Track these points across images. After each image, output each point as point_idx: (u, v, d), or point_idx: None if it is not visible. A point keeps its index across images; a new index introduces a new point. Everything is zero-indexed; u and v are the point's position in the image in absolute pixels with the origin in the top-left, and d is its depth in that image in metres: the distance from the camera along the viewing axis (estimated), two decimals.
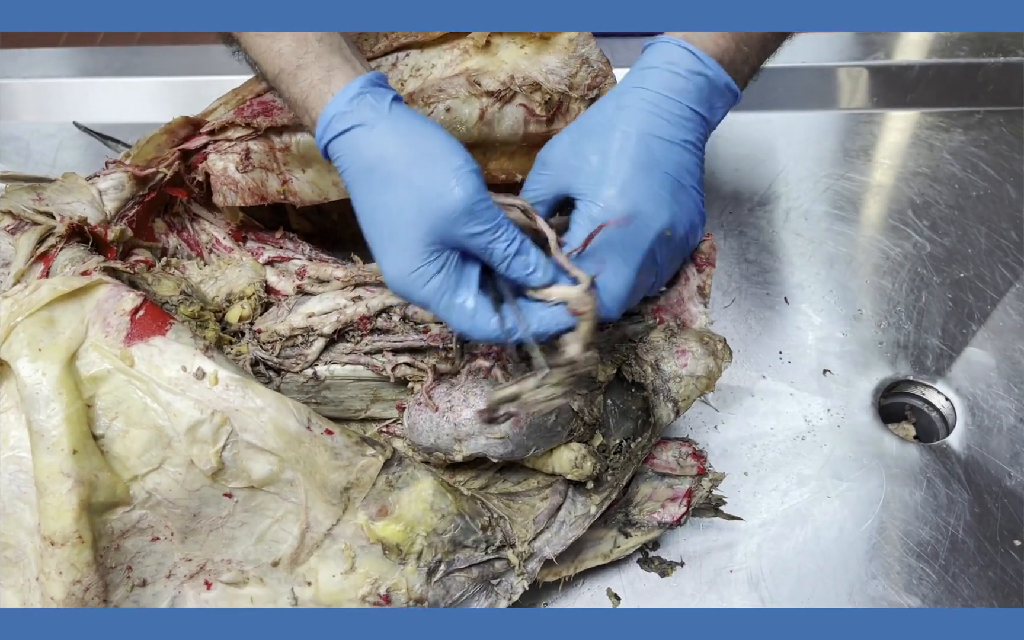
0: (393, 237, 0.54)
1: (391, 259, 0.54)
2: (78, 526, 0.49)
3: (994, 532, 0.68)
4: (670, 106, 0.59)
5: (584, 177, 0.58)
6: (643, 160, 0.58)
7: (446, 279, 0.54)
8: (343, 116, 0.55)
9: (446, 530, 0.56)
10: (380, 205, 0.54)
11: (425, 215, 0.53)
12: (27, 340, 0.50)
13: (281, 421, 0.52)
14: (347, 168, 0.56)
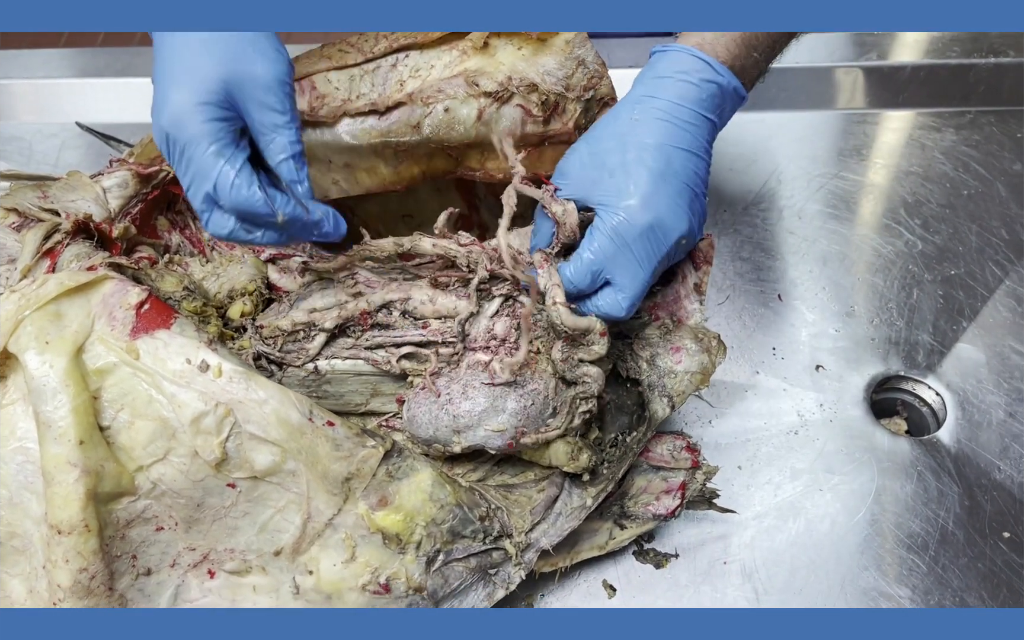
0: (190, 74, 0.53)
1: (176, 90, 0.53)
2: (84, 515, 0.50)
3: (983, 524, 0.69)
4: (684, 115, 0.61)
5: (604, 188, 0.60)
6: (662, 170, 0.60)
7: (216, 133, 0.53)
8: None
9: (445, 520, 0.57)
10: (189, 42, 0.54)
11: (234, 72, 0.53)
12: (35, 333, 0.51)
13: (283, 412, 0.53)
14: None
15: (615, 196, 0.60)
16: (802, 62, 1.00)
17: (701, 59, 0.61)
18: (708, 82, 0.61)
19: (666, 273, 0.68)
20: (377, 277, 0.65)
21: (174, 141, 0.53)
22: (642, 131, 0.61)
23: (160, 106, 0.54)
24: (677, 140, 0.60)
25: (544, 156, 0.70)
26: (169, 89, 0.53)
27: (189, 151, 0.53)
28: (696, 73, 0.61)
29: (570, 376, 0.61)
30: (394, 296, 0.64)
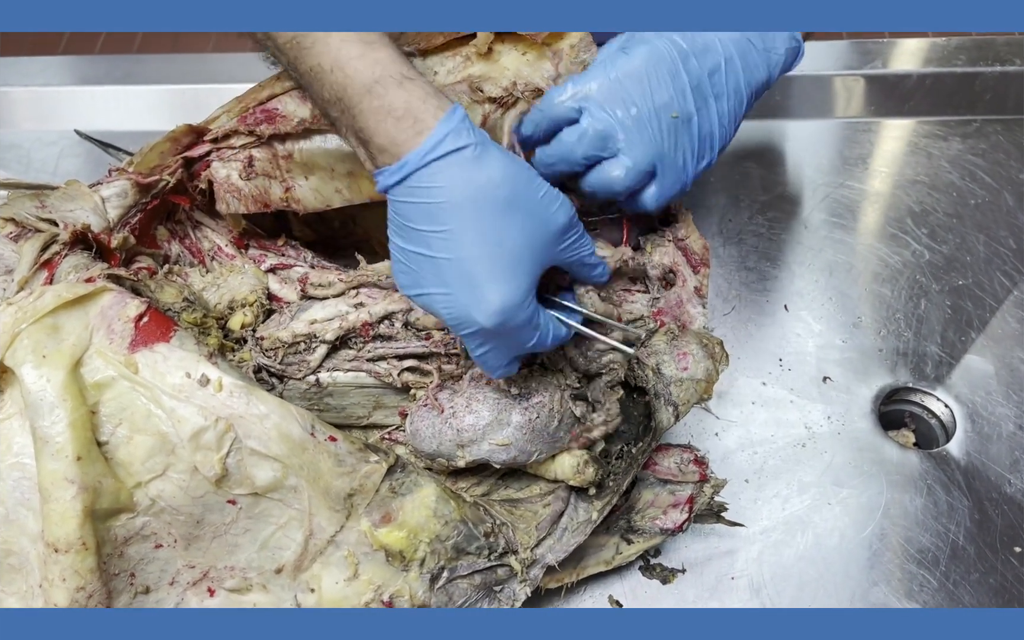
0: (516, 262, 0.52)
1: (506, 285, 0.52)
2: (82, 533, 0.49)
3: (994, 539, 0.68)
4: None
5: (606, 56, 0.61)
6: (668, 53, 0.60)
7: (531, 314, 0.54)
8: (452, 137, 0.52)
9: (449, 537, 0.56)
10: (494, 233, 0.51)
11: (542, 238, 0.53)
12: (31, 346, 0.51)
13: (285, 427, 0.52)
14: (452, 188, 0.52)
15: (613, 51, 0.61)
16: (806, 71, 0.99)
17: None
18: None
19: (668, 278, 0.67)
20: (379, 288, 0.64)
21: (495, 334, 0.53)
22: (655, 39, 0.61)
23: (474, 305, 0.52)
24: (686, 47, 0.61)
25: None
26: (484, 286, 0.52)
27: (511, 336, 0.53)
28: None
29: (595, 368, 0.61)
30: (396, 307, 0.64)
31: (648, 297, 0.66)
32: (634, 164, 0.59)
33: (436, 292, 0.53)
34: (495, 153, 0.53)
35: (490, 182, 0.52)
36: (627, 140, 0.59)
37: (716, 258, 0.85)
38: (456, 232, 0.51)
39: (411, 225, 0.53)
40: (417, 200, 0.52)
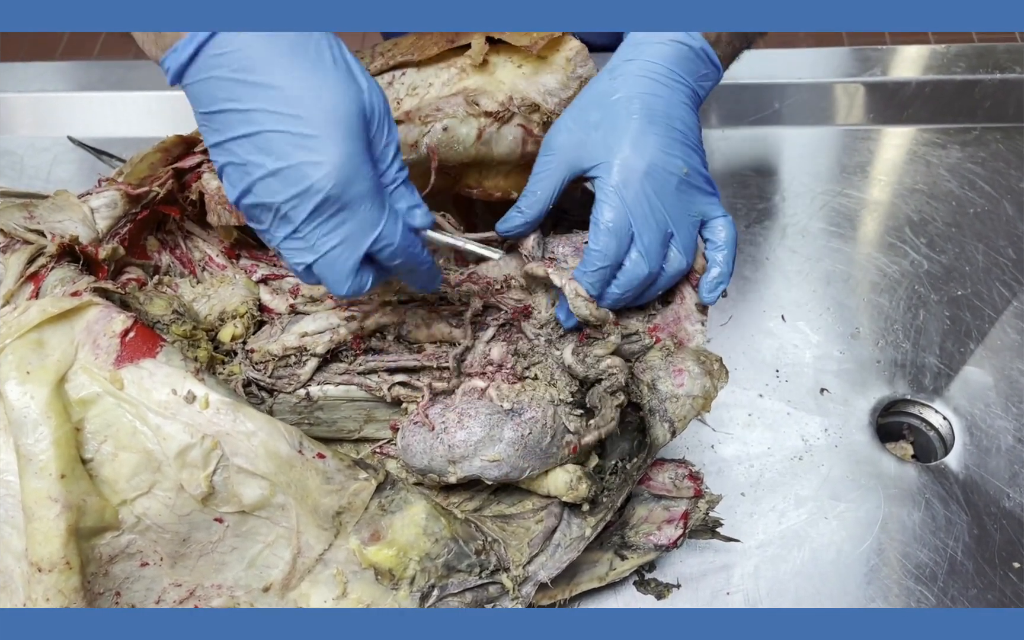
0: (338, 124, 0.47)
1: (331, 145, 0.47)
2: (66, 552, 0.49)
3: (993, 554, 0.67)
4: (660, 71, 0.61)
5: (593, 146, 0.61)
6: (648, 115, 0.60)
7: (374, 182, 0.50)
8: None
9: (439, 555, 0.55)
10: (323, 87, 0.48)
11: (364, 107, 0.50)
12: (15, 363, 0.50)
13: (272, 445, 0.52)
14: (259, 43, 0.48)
15: (605, 151, 0.60)
16: (805, 78, 0.99)
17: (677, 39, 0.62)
18: (679, 43, 0.62)
19: (665, 294, 0.66)
20: (370, 302, 0.64)
21: (336, 201, 0.48)
22: (620, 86, 0.61)
23: (310, 165, 0.47)
24: (656, 91, 0.61)
25: None
26: (321, 145, 0.47)
27: (355, 206, 0.49)
28: (667, 35, 0.62)
29: (594, 373, 0.60)
30: (387, 320, 0.63)
31: (644, 313, 0.65)
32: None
33: (263, 172, 0.47)
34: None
35: (299, 37, 0.48)
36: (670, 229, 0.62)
37: None
38: (275, 93, 0.47)
39: (221, 106, 0.48)
40: (222, 69, 0.47)
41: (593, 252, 0.60)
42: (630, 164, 0.59)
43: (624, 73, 0.62)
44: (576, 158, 0.61)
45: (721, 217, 0.63)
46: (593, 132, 0.61)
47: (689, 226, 0.62)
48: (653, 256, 0.61)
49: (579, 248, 0.65)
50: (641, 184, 0.59)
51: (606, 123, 0.60)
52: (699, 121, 0.64)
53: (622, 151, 0.59)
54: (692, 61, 0.63)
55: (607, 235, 0.59)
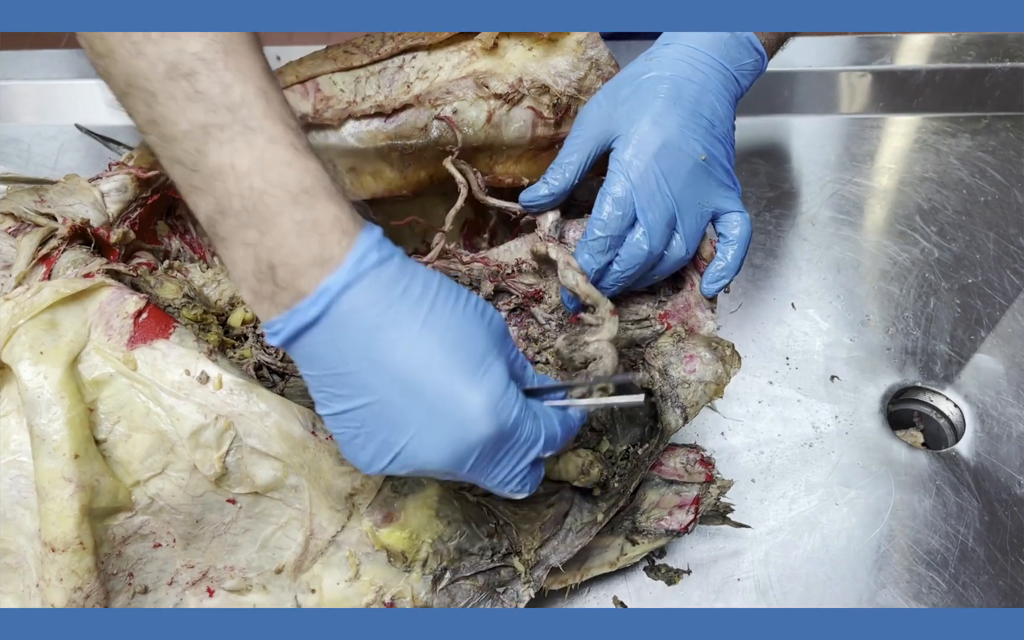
0: (473, 361, 0.43)
1: (473, 390, 0.43)
2: (79, 532, 0.49)
3: (1004, 541, 0.67)
4: (698, 58, 0.61)
5: (618, 119, 0.60)
6: (673, 96, 0.60)
7: (523, 402, 0.46)
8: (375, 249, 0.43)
9: (452, 537, 0.55)
10: (446, 329, 0.43)
11: (493, 333, 0.46)
12: (29, 343, 0.50)
13: (286, 426, 0.52)
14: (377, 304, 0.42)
15: (626, 123, 0.60)
16: (814, 66, 0.99)
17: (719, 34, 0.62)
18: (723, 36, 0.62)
19: (674, 278, 0.66)
20: None
21: (500, 437, 0.44)
22: (655, 67, 0.61)
23: (460, 418, 0.42)
24: (690, 75, 0.61)
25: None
26: (462, 389, 0.42)
27: (519, 430, 0.45)
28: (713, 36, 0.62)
29: (579, 358, 0.58)
30: None
31: (655, 298, 0.65)
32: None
33: (405, 439, 0.43)
34: (414, 261, 0.45)
35: (427, 287, 0.43)
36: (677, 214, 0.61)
37: None
38: (396, 354, 0.42)
39: (345, 371, 0.42)
40: (347, 332, 0.42)
41: (595, 221, 0.60)
42: (645, 139, 0.59)
43: (661, 56, 0.62)
44: (603, 132, 0.61)
45: (737, 213, 0.63)
46: (620, 106, 0.61)
47: (697, 214, 0.62)
48: (656, 236, 0.60)
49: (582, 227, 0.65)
50: (652, 160, 0.59)
51: (633, 98, 0.60)
52: (734, 113, 0.63)
53: (640, 126, 0.59)
54: (733, 48, 0.62)
55: (611, 205, 0.59)
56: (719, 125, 0.61)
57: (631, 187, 0.59)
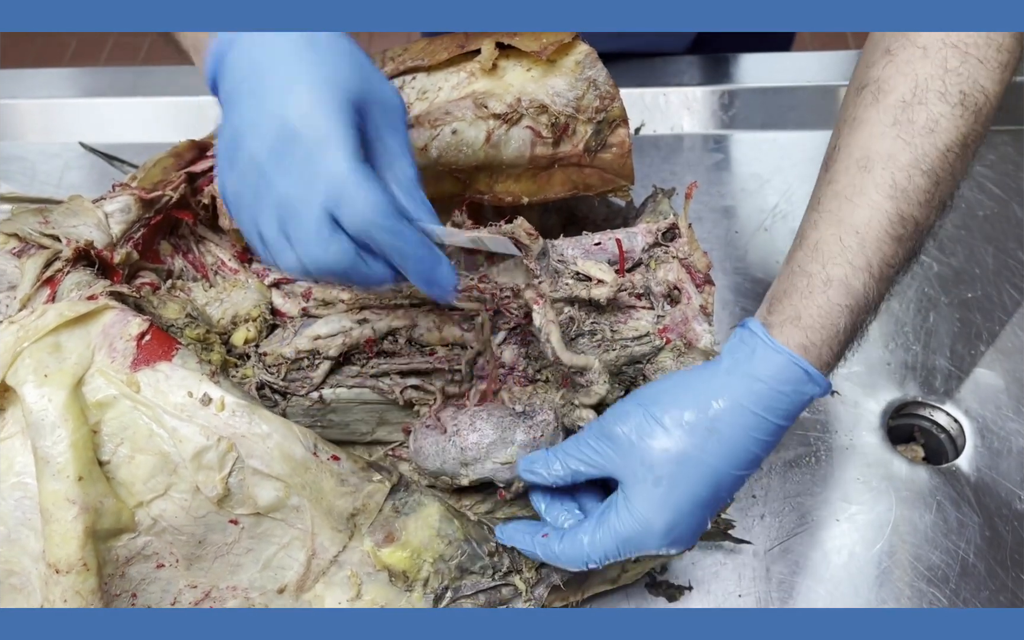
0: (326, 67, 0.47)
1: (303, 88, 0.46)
2: (83, 553, 0.49)
3: (1005, 556, 0.67)
4: (764, 430, 0.52)
5: (640, 491, 0.52)
6: (705, 500, 0.52)
7: (356, 140, 0.47)
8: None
9: (453, 556, 0.55)
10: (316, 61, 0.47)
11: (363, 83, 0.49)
12: (33, 366, 0.50)
13: (287, 447, 0.52)
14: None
15: (644, 507, 0.52)
16: (814, 81, 0.99)
17: (803, 369, 0.52)
18: (799, 394, 0.53)
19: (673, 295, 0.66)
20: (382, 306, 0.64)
21: (294, 138, 0.45)
22: (712, 448, 0.52)
23: (280, 96, 0.45)
24: (738, 461, 0.52)
25: (554, 179, 0.69)
26: (293, 84, 0.45)
27: (315, 153, 0.44)
28: (793, 384, 0.52)
29: (568, 422, 0.59)
30: (400, 323, 0.63)
31: (653, 314, 0.65)
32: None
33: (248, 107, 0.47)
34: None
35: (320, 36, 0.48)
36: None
37: (721, 271, 0.85)
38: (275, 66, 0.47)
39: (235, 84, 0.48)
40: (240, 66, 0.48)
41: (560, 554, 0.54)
42: (643, 540, 0.52)
43: (725, 429, 0.52)
44: (622, 463, 0.53)
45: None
46: (651, 466, 0.52)
47: None
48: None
49: (589, 250, 0.65)
50: (633, 551, 0.53)
51: (668, 482, 0.52)
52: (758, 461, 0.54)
53: (649, 528, 0.52)
54: (802, 407, 0.54)
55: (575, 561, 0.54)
56: (724, 499, 0.54)
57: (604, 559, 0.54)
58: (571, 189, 0.69)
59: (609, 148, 0.68)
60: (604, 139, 0.68)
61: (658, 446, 0.52)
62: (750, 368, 0.52)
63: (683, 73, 1.00)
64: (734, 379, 0.52)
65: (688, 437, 0.52)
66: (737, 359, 0.53)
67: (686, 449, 0.51)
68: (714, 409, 0.52)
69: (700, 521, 0.53)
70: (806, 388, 0.52)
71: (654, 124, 0.98)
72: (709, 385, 0.53)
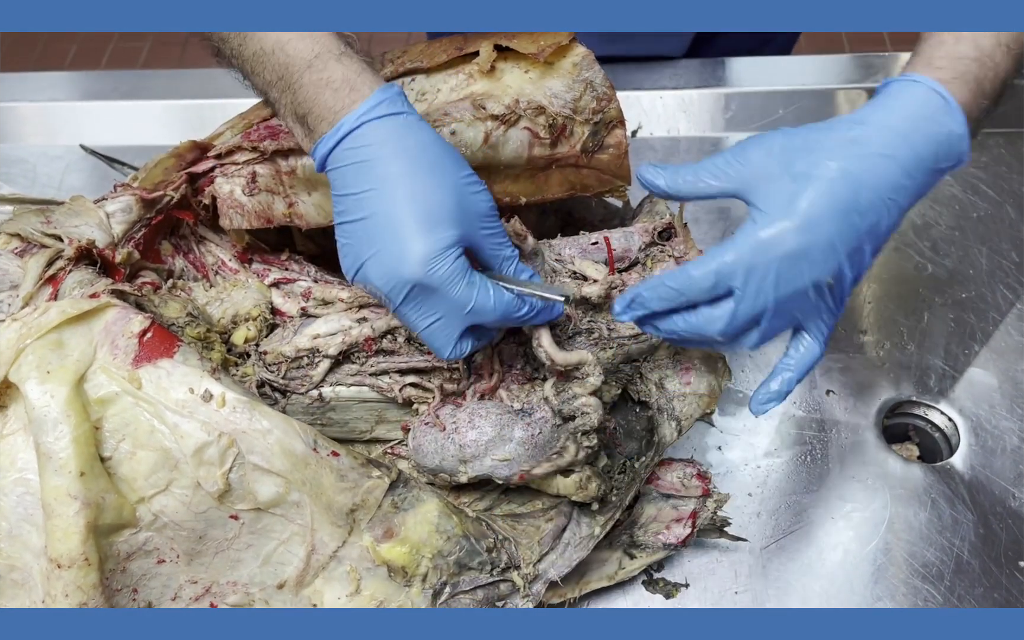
0: (439, 218, 0.53)
1: (420, 237, 0.52)
2: (85, 548, 0.50)
3: (999, 553, 0.68)
4: (905, 157, 0.53)
5: (775, 191, 0.53)
6: (842, 207, 0.52)
7: (461, 268, 0.54)
8: (387, 103, 0.55)
9: (451, 552, 0.56)
10: (421, 188, 0.53)
11: (463, 208, 0.54)
12: (36, 363, 0.51)
13: (287, 443, 0.52)
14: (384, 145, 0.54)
15: (778, 205, 0.52)
16: (808, 84, 1.00)
17: (940, 96, 0.53)
18: (939, 124, 0.53)
19: None
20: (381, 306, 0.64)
21: (427, 287, 0.53)
22: (847, 155, 0.53)
23: (401, 257, 0.53)
24: (877, 182, 0.52)
25: (551, 179, 0.69)
26: (407, 241, 0.53)
27: (447, 289, 0.53)
28: (929, 110, 0.53)
29: (567, 410, 0.59)
30: (399, 322, 0.64)
31: None
32: (761, 337, 0.55)
33: (368, 256, 0.54)
34: (426, 125, 0.56)
35: (419, 145, 0.54)
36: (767, 316, 0.54)
37: None
38: (384, 188, 0.53)
39: (347, 191, 0.54)
40: (351, 162, 0.54)
41: (679, 276, 0.55)
42: (784, 237, 0.52)
43: (865, 138, 0.53)
44: (755, 186, 0.54)
45: (815, 340, 0.56)
46: (787, 178, 0.53)
47: (785, 322, 0.56)
48: (735, 326, 0.54)
49: (586, 249, 0.66)
50: (777, 261, 0.52)
51: (803, 178, 0.52)
52: (899, 222, 0.55)
53: (788, 219, 0.52)
54: (946, 147, 0.54)
55: (707, 275, 0.54)
56: (872, 244, 0.53)
57: (741, 274, 0.53)
58: (569, 190, 0.70)
59: (606, 149, 0.68)
60: (601, 140, 0.68)
61: (798, 150, 0.53)
62: (887, 101, 0.55)
63: (680, 76, 1.01)
64: (874, 112, 0.55)
65: (830, 147, 0.53)
66: (875, 101, 0.56)
67: (826, 155, 0.53)
68: (856, 130, 0.53)
69: (838, 232, 0.52)
70: (944, 119, 0.53)
71: (651, 127, 0.99)
72: (851, 118, 0.55)
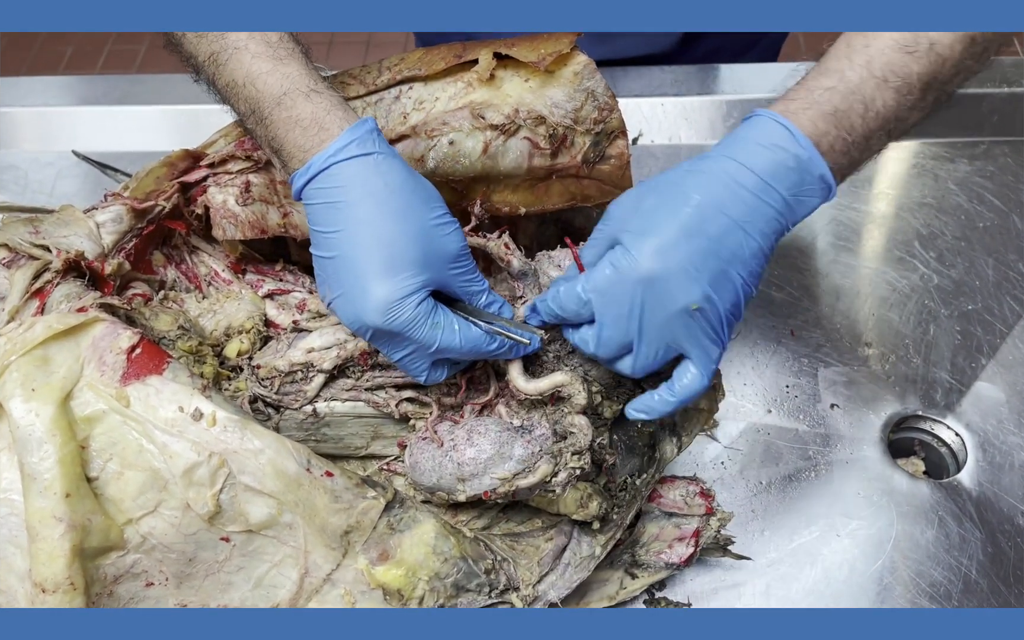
0: (402, 265, 0.53)
1: (381, 285, 0.52)
2: (70, 572, 0.48)
3: (1007, 572, 0.67)
4: (747, 180, 0.53)
5: (631, 228, 0.54)
6: (690, 233, 0.52)
7: (424, 311, 0.54)
8: (356, 143, 0.55)
9: (448, 574, 0.55)
10: (387, 234, 0.53)
11: (429, 251, 0.54)
12: (20, 380, 0.49)
13: (280, 463, 0.51)
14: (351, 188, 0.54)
15: (636, 235, 0.53)
16: None
17: (780, 124, 0.54)
18: (782, 150, 0.53)
19: None
20: None
21: (389, 332, 0.54)
22: (695, 185, 0.54)
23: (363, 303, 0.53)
24: (729, 207, 0.53)
25: (552, 190, 0.68)
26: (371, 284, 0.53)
27: (409, 333, 0.54)
28: (771, 138, 0.53)
29: (560, 430, 0.58)
30: None
31: None
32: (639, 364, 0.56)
33: (335, 295, 0.54)
34: (397, 165, 0.55)
35: (387, 187, 0.54)
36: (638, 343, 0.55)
37: None
38: (349, 231, 0.53)
39: (317, 228, 0.55)
40: (320, 201, 0.54)
41: (554, 296, 0.57)
42: (639, 263, 0.53)
43: (707, 170, 0.54)
44: (621, 231, 0.55)
45: (696, 369, 0.55)
46: (639, 215, 0.54)
47: (659, 350, 0.55)
48: (604, 348, 0.55)
49: (561, 266, 0.63)
50: (636, 286, 0.53)
51: (654, 212, 0.54)
52: (767, 253, 0.54)
53: (642, 247, 0.53)
54: (795, 173, 0.53)
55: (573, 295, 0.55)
56: (738, 269, 0.53)
57: (602, 297, 0.54)
58: (569, 200, 0.69)
59: (608, 160, 0.67)
60: (603, 151, 0.67)
61: (649, 190, 0.56)
62: (733, 136, 0.56)
63: (681, 83, 1.00)
64: (720, 147, 0.56)
65: (677, 181, 0.55)
66: (723, 139, 0.57)
67: (674, 188, 0.55)
68: (703, 164, 0.55)
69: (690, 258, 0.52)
70: (789, 146, 0.54)
71: (652, 134, 0.98)
72: (700, 155, 0.57)
